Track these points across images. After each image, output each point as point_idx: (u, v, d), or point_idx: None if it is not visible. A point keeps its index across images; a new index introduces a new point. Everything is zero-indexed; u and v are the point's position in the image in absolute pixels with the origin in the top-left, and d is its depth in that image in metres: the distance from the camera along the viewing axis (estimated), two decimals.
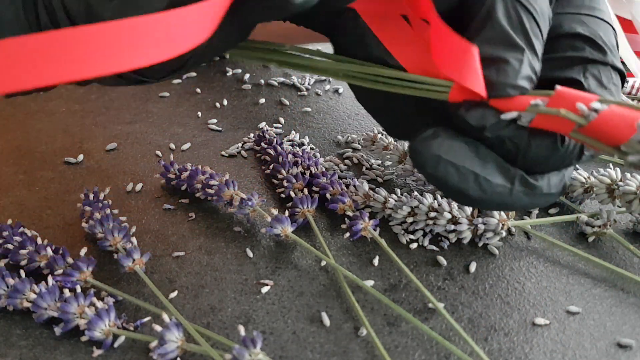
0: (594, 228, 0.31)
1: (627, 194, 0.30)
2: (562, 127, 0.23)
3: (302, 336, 0.26)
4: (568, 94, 0.22)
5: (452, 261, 0.30)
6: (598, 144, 0.22)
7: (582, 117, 0.22)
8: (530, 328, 0.27)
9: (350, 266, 0.30)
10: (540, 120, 0.23)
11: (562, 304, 0.28)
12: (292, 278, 0.29)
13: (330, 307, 0.28)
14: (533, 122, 0.23)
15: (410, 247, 0.31)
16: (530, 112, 0.23)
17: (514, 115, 0.23)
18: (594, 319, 0.27)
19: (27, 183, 0.36)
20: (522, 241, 0.32)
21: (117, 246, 0.29)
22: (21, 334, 0.26)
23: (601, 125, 0.21)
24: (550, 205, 0.34)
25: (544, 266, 0.30)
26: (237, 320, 0.27)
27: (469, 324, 0.27)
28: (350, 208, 0.32)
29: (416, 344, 0.26)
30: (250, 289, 0.29)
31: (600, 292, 0.29)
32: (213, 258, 0.30)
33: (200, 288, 0.28)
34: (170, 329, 0.24)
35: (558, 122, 0.22)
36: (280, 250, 0.31)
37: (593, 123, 0.21)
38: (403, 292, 0.28)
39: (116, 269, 0.29)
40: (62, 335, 0.26)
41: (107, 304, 0.26)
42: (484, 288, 0.29)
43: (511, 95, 0.23)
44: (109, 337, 0.25)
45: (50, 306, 0.26)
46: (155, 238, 0.32)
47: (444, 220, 0.30)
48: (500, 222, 0.30)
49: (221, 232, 0.32)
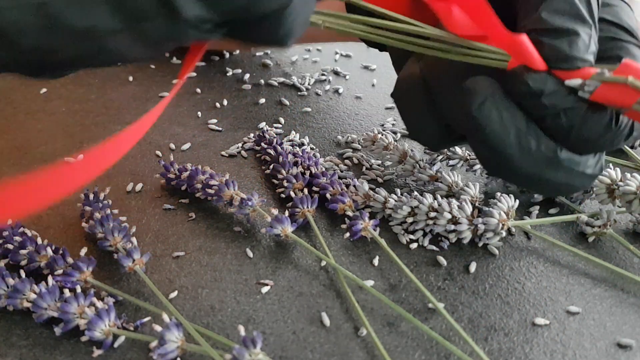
0: (594, 228, 0.31)
1: (627, 194, 0.30)
2: (625, 99, 0.22)
3: (302, 336, 0.26)
4: (634, 65, 0.22)
5: (452, 261, 0.30)
6: None
7: None
8: (530, 328, 0.27)
9: (350, 266, 0.30)
10: (603, 91, 0.22)
11: (562, 304, 0.28)
12: (292, 278, 0.29)
13: (330, 307, 0.28)
14: (595, 95, 0.23)
15: (410, 247, 0.31)
16: (595, 81, 0.23)
17: (578, 83, 0.23)
18: (594, 319, 0.27)
19: None
20: (522, 241, 0.32)
21: (117, 246, 0.29)
22: (21, 334, 0.26)
23: None
24: (550, 205, 0.34)
25: (544, 266, 0.30)
26: (237, 320, 0.27)
27: (469, 324, 0.27)
28: (350, 208, 0.32)
29: (416, 344, 0.26)
30: (250, 289, 0.28)
31: (600, 292, 0.29)
32: (213, 258, 0.30)
33: (200, 288, 0.28)
34: (170, 329, 0.24)
35: (622, 93, 0.22)
36: (280, 250, 0.31)
37: None
38: (403, 292, 0.28)
39: (116, 269, 0.29)
40: (62, 336, 0.25)
41: (107, 304, 0.26)
42: (484, 288, 0.29)
43: (579, 68, 0.23)
44: (109, 337, 0.25)
45: (50, 306, 0.26)
46: (155, 238, 0.31)
47: (444, 220, 0.30)
48: (500, 222, 0.30)
49: (221, 232, 0.32)
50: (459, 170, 0.36)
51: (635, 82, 0.22)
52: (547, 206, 0.34)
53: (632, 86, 0.22)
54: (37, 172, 0.21)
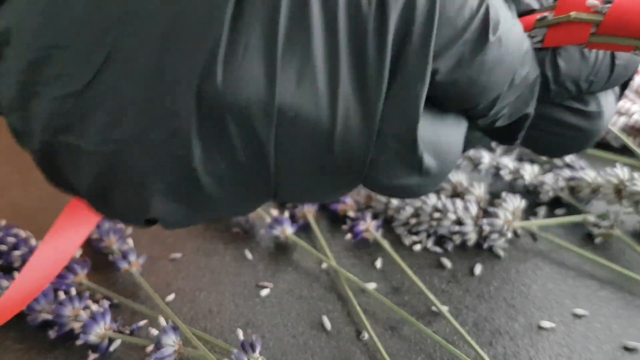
0: (601, 229, 0.31)
1: (634, 195, 0.30)
2: (578, 36, 0.21)
3: (302, 340, 0.26)
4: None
5: (457, 263, 0.30)
6: (622, 40, 0.20)
7: (596, 13, 0.20)
8: (535, 331, 0.26)
9: (352, 268, 0.30)
10: (552, 35, 0.21)
11: (568, 307, 0.27)
12: (292, 281, 0.29)
13: (331, 310, 0.27)
14: (547, 41, 0.22)
15: (414, 249, 0.31)
16: (539, 29, 0.21)
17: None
18: (600, 322, 0.27)
19: (22, 183, 0.35)
20: (528, 243, 0.31)
21: (113, 248, 0.29)
22: (15, 337, 0.26)
23: (620, 16, 0.20)
24: (557, 205, 0.33)
25: (550, 268, 0.30)
26: (236, 323, 0.26)
27: (474, 328, 0.26)
28: (352, 209, 0.32)
29: (419, 348, 0.25)
30: (250, 291, 0.28)
31: (606, 295, 0.28)
32: (211, 260, 0.30)
33: (197, 291, 0.28)
34: (167, 332, 0.24)
35: (573, 32, 0.21)
36: (280, 252, 0.31)
37: (610, 16, 0.20)
38: (406, 295, 0.28)
39: (112, 271, 0.29)
40: (56, 339, 0.25)
41: (103, 307, 0.25)
42: (488, 291, 0.28)
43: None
44: (104, 341, 0.25)
45: (45, 309, 0.26)
46: (152, 239, 0.31)
47: (449, 221, 0.30)
48: (505, 223, 0.30)
49: (219, 233, 0.32)
50: (463, 170, 0.35)
51: (579, 16, 0.21)
52: (553, 206, 0.34)
53: (577, 21, 0.21)
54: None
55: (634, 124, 0.38)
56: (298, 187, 0.19)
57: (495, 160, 0.35)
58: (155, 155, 0.16)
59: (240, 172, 0.17)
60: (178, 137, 0.15)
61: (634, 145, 0.36)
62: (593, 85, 0.23)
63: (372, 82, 0.17)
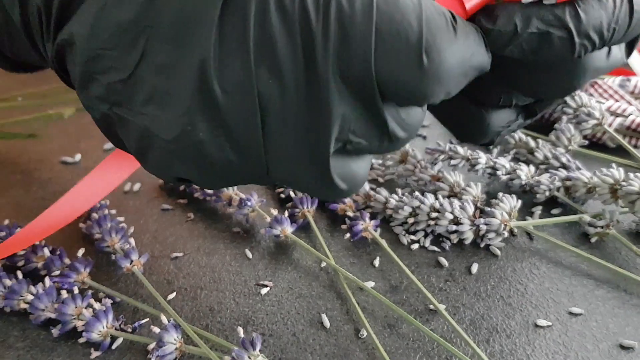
0: (597, 229, 0.31)
1: (630, 194, 0.30)
2: None
3: (301, 338, 0.26)
4: None
5: (454, 262, 0.30)
6: None
7: None
8: (532, 329, 0.26)
9: (351, 267, 0.30)
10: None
11: (565, 305, 0.28)
12: (291, 279, 0.29)
13: (330, 308, 0.27)
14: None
15: (412, 248, 0.31)
16: None
17: None
18: (596, 321, 0.27)
19: (24, 183, 0.35)
20: (525, 242, 0.32)
21: (115, 247, 0.29)
22: (18, 335, 0.26)
23: None
24: (553, 205, 0.34)
25: (546, 267, 0.30)
26: (236, 322, 0.27)
27: (471, 326, 0.27)
28: (351, 208, 0.32)
29: (417, 346, 0.26)
30: (250, 290, 0.28)
31: (603, 294, 0.28)
32: (212, 259, 0.30)
33: (199, 289, 0.28)
34: (169, 330, 0.24)
35: None
36: (280, 251, 0.31)
37: None
38: (404, 293, 0.28)
39: (114, 270, 0.29)
40: (59, 337, 0.25)
41: (105, 306, 0.25)
42: (485, 289, 0.29)
43: None
44: (106, 339, 0.25)
45: (48, 307, 0.26)
46: (154, 239, 0.31)
47: (446, 220, 0.30)
48: (502, 223, 0.30)
49: (220, 232, 0.32)
50: (460, 170, 0.35)
51: None
52: (549, 206, 0.34)
53: None
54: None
55: (629, 125, 0.38)
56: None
57: (491, 160, 0.35)
58: (171, 128, 0.20)
59: (235, 144, 0.20)
60: (186, 115, 0.19)
61: (630, 146, 0.37)
62: (615, 33, 0.24)
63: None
